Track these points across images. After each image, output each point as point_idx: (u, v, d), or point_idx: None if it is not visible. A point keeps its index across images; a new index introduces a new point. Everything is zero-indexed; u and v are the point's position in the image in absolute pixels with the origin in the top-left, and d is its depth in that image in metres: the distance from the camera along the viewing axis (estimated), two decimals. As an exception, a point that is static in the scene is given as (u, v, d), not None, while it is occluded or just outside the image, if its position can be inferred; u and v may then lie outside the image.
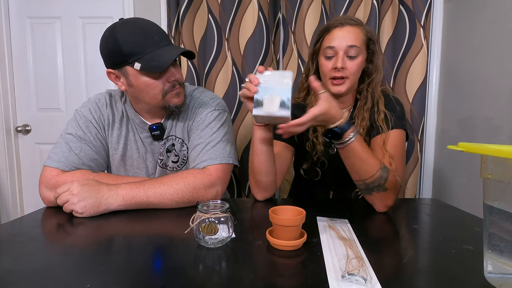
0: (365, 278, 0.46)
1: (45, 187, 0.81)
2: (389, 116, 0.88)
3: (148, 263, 0.51)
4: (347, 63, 0.84)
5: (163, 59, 0.76)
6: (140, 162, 0.95)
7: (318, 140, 0.94)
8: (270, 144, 0.83)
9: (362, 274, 0.47)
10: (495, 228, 0.43)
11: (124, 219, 0.72)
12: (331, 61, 0.86)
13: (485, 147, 0.40)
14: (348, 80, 0.86)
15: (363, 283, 0.45)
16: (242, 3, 1.47)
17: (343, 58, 0.84)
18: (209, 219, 0.56)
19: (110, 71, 0.83)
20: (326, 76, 0.88)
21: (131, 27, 0.77)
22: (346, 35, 0.84)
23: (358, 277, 0.46)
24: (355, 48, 0.83)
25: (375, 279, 0.46)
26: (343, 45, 0.83)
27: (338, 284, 0.45)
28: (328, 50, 0.85)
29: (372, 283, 0.45)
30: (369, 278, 0.46)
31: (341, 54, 0.84)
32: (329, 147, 0.96)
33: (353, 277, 0.46)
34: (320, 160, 0.95)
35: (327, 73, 0.87)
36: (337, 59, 0.84)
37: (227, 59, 1.50)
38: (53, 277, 0.46)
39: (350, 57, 0.84)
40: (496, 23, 1.08)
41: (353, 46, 0.83)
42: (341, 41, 0.84)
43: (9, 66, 1.77)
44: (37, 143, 1.83)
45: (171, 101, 0.84)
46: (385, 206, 0.78)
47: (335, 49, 0.84)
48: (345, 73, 0.84)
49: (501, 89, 1.05)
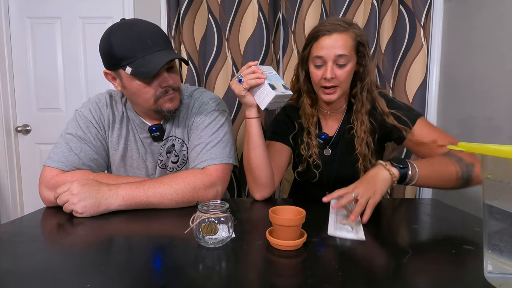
0: (352, 227, 0.65)
1: (45, 187, 0.81)
2: (401, 114, 0.88)
3: (148, 263, 0.51)
4: (336, 72, 0.84)
5: (152, 66, 0.75)
6: (140, 163, 0.95)
7: (313, 142, 0.94)
8: (263, 138, 0.86)
9: (351, 225, 0.66)
10: (495, 228, 0.43)
11: (124, 219, 0.72)
12: (321, 70, 0.86)
13: (485, 147, 0.40)
14: (339, 88, 0.87)
15: (350, 230, 0.64)
16: (242, 3, 1.47)
17: (332, 68, 0.83)
18: (209, 219, 0.56)
19: (107, 72, 0.83)
20: (316, 85, 0.89)
21: (126, 31, 0.77)
22: (334, 44, 0.82)
23: (347, 226, 0.66)
24: (344, 57, 0.83)
25: (361, 231, 0.64)
26: (332, 55, 0.83)
27: (334, 230, 0.64)
28: (317, 60, 0.85)
29: (358, 231, 0.64)
30: (355, 229, 0.65)
31: (330, 64, 0.83)
32: (324, 148, 0.96)
33: (344, 226, 0.66)
34: (315, 162, 0.95)
35: (317, 82, 0.88)
36: (326, 69, 0.84)
37: (227, 59, 1.50)
38: (53, 277, 0.46)
39: (340, 65, 0.84)
40: (496, 23, 1.08)
41: (341, 55, 0.83)
42: (329, 50, 0.83)
43: (9, 66, 1.77)
44: (37, 143, 1.83)
45: (164, 106, 0.83)
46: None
47: (323, 59, 0.84)
48: (335, 82, 0.85)
49: (501, 89, 1.05)
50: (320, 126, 0.98)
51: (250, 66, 0.80)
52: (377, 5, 1.39)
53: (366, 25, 1.42)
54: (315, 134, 0.95)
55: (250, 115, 0.84)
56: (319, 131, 0.97)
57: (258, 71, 0.79)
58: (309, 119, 0.95)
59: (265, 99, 0.79)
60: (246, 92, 0.80)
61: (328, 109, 0.97)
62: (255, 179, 0.87)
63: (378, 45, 1.44)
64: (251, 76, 0.78)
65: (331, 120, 0.98)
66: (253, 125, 0.84)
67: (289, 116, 1.00)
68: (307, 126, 0.95)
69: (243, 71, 0.80)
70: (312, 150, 0.94)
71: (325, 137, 0.95)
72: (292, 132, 0.99)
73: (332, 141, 0.96)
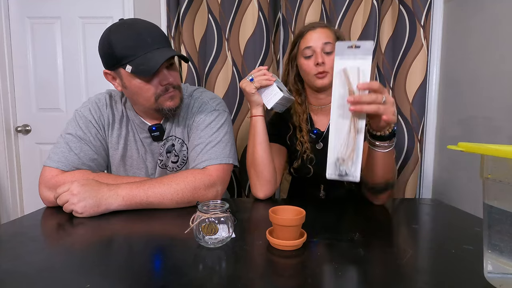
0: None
1: (45, 187, 0.81)
2: None
3: (148, 263, 0.51)
4: (325, 59, 0.93)
5: (152, 63, 0.75)
6: (140, 163, 0.95)
7: (305, 138, 0.99)
8: (267, 135, 0.92)
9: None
10: (495, 228, 0.43)
11: (124, 219, 0.72)
12: (311, 59, 0.94)
13: (485, 147, 0.40)
14: (329, 74, 0.94)
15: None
16: (242, 3, 1.47)
17: (321, 54, 0.93)
18: (209, 219, 0.56)
19: (107, 71, 0.83)
20: (309, 74, 0.96)
21: (125, 30, 0.77)
22: (320, 35, 0.93)
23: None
24: (330, 44, 0.92)
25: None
26: (319, 43, 0.92)
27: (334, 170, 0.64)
28: (306, 51, 0.94)
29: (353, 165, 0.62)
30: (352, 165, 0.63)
31: (318, 51, 0.92)
32: (316, 143, 1.00)
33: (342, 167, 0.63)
34: (309, 157, 0.99)
35: (310, 70, 0.95)
36: (317, 56, 0.92)
37: (227, 59, 1.50)
38: (53, 277, 0.46)
39: (327, 53, 0.93)
40: (496, 23, 1.08)
41: (327, 42, 0.92)
42: (317, 40, 0.93)
43: (9, 66, 1.77)
44: (37, 143, 1.83)
45: (164, 104, 0.83)
46: (387, 200, 0.86)
47: (312, 48, 0.93)
48: (325, 68, 0.93)
49: (501, 89, 1.04)
50: (312, 122, 1.03)
51: (260, 70, 0.89)
52: (377, 5, 1.39)
53: (366, 25, 1.42)
54: (306, 130, 1.00)
55: (256, 113, 0.91)
56: (312, 127, 1.02)
57: (268, 74, 0.88)
58: (299, 116, 1.00)
59: (272, 99, 0.87)
60: (256, 91, 0.88)
61: (318, 103, 1.02)
62: (259, 174, 0.90)
63: (378, 45, 1.44)
64: (262, 77, 0.87)
65: (322, 115, 1.02)
66: (259, 122, 0.90)
67: (282, 117, 1.04)
68: (298, 124, 1.00)
69: (254, 73, 0.89)
70: (304, 145, 0.99)
71: (317, 132, 0.99)
72: (288, 132, 1.03)
73: (324, 135, 0.99)
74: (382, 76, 1.48)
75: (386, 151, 0.74)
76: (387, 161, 0.76)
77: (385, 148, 0.73)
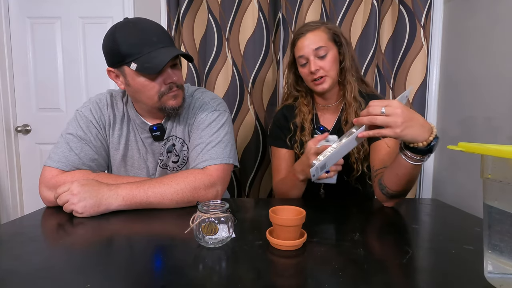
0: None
1: (45, 187, 0.81)
2: None
3: (148, 263, 0.51)
4: (319, 64, 0.93)
5: (157, 61, 0.76)
6: (141, 163, 0.95)
7: (306, 138, 0.99)
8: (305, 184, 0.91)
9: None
10: (495, 228, 0.43)
11: (124, 219, 0.72)
12: (306, 67, 0.95)
13: (485, 147, 0.40)
14: (327, 77, 0.94)
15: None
16: (242, 3, 1.47)
17: (314, 62, 0.93)
18: (209, 219, 0.56)
19: (110, 69, 0.83)
20: (308, 81, 0.98)
21: (131, 28, 0.78)
22: (309, 41, 0.93)
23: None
24: (322, 48, 0.92)
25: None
26: (310, 50, 0.93)
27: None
28: (300, 59, 0.96)
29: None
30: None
31: (311, 58, 0.93)
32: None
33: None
34: None
35: (307, 78, 0.97)
36: (310, 64, 0.93)
37: (227, 59, 1.50)
38: (53, 277, 0.46)
39: (320, 57, 0.93)
40: (496, 23, 1.08)
41: (318, 47, 0.92)
42: (307, 48, 0.93)
43: (9, 66, 1.77)
44: (37, 143, 1.83)
45: (168, 103, 0.84)
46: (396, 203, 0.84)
47: (305, 57, 0.94)
48: (322, 72, 0.93)
49: (501, 89, 1.04)
50: (318, 121, 1.04)
51: (339, 165, 0.79)
52: (377, 5, 1.39)
53: (366, 25, 1.42)
54: (309, 130, 1.00)
55: (300, 178, 0.88)
56: (318, 123, 1.03)
57: (340, 164, 0.79)
58: (304, 116, 1.01)
59: (322, 179, 0.80)
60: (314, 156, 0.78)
61: (324, 103, 1.03)
62: (288, 196, 0.95)
63: (378, 45, 1.44)
64: (336, 167, 0.78)
65: (328, 114, 1.03)
66: (303, 173, 0.86)
67: (286, 117, 1.05)
68: (301, 123, 1.01)
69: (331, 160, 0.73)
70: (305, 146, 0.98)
71: (323, 129, 1.00)
72: (289, 134, 1.03)
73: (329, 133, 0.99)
74: (382, 76, 1.48)
75: (415, 163, 0.69)
76: (413, 172, 0.71)
77: (414, 161, 0.68)
